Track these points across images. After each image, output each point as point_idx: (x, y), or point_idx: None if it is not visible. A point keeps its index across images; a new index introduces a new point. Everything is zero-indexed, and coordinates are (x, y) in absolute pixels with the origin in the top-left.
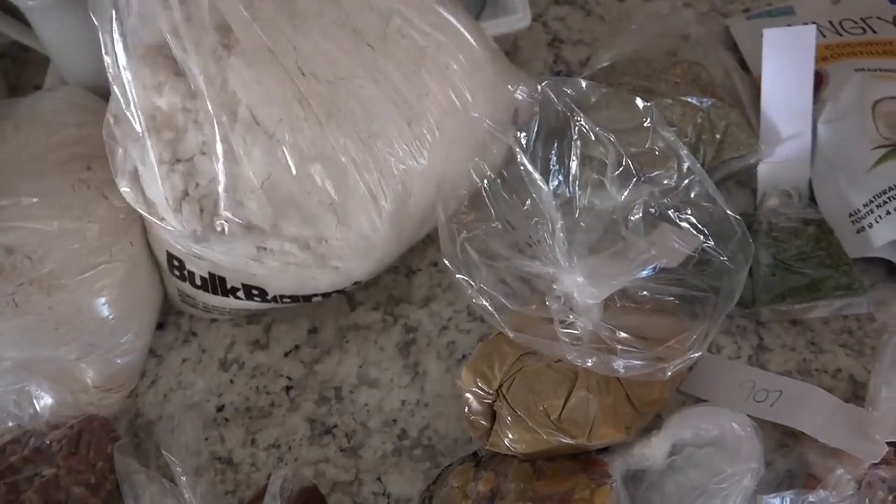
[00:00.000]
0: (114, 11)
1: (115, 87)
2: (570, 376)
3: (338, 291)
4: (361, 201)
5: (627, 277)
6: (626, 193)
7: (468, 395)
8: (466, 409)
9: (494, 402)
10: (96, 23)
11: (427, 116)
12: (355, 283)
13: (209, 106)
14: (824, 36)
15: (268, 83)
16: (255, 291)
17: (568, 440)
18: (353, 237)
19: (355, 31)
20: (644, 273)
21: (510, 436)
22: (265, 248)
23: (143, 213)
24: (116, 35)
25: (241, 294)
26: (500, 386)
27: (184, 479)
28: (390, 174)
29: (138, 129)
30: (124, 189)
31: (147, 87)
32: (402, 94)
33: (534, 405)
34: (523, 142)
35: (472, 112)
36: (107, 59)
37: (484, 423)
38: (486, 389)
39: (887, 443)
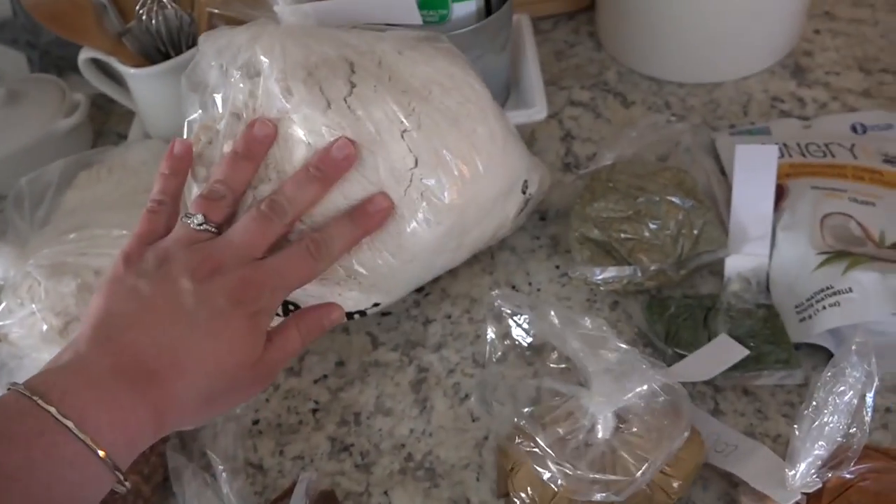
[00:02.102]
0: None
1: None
2: None
3: (360, 313)
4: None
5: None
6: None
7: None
8: None
9: None
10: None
11: (451, 165)
12: (375, 305)
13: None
14: (791, 156)
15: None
16: (290, 307)
17: None
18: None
19: (404, 92)
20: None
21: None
22: None
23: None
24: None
25: (280, 311)
26: None
27: (224, 475)
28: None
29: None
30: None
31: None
32: (433, 143)
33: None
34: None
35: (487, 169)
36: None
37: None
38: None
39: (802, 493)
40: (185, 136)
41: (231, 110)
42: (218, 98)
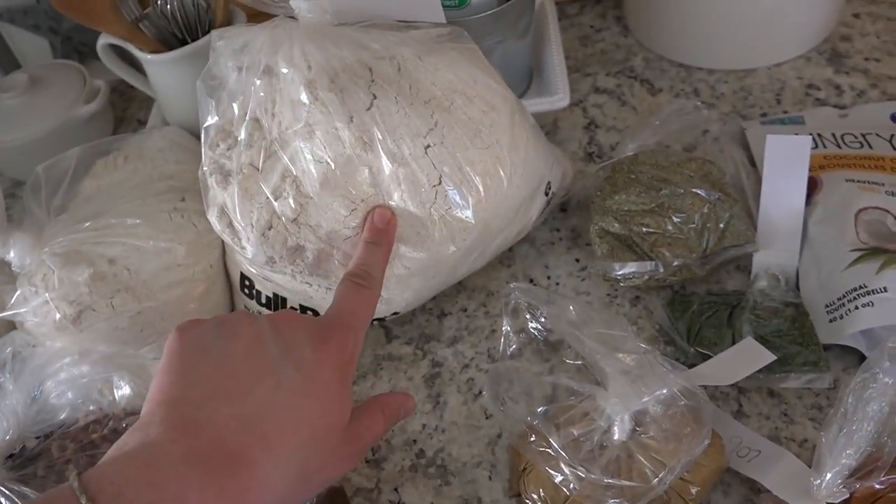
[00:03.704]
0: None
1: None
2: None
3: (378, 320)
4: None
5: (652, 396)
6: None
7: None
8: None
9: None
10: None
11: (475, 180)
12: (394, 314)
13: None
14: (825, 146)
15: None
16: (309, 312)
17: None
18: (398, 268)
19: (426, 103)
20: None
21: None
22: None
23: (227, 240)
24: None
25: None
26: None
27: None
28: (433, 220)
29: (231, 167)
30: (213, 220)
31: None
32: (456, 158)
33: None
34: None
35: (511, 181)
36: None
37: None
38: None
39: (828, 503)
40: (202, 143)
41: (251, 116)
42: (236, 105)
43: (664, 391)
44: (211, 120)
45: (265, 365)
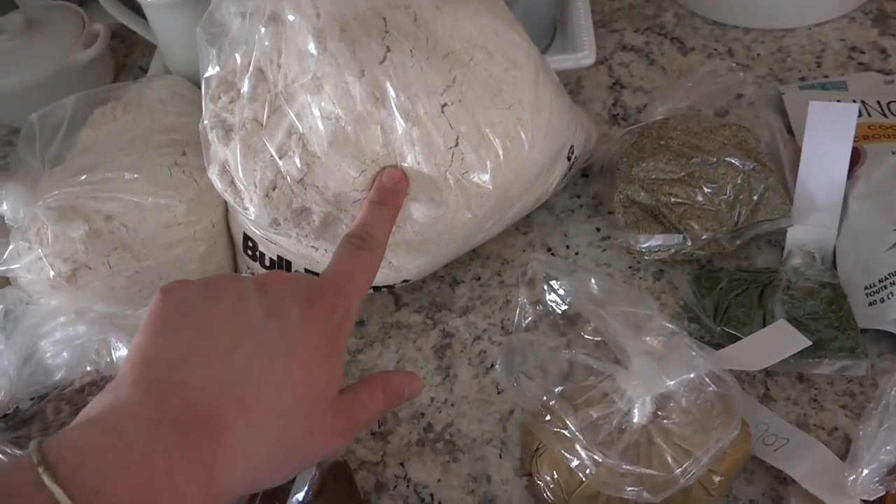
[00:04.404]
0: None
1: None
2: None
3: (388, 287)
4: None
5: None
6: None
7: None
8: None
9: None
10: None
11: (494, 143)
12: (404, 281)
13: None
14: (869, 115)
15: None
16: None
17: None
18: (407, 234)
19: (444, 57)
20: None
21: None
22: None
23: (229, 200)
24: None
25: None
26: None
27: None
28: (448, 184)
29: (233, 121)
30: (214, 178)
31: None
32: (475, 119)
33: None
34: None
35: (532, 145)
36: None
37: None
38: None
39: (862, 500)
40: (203, 95)
41: (255, 66)
42: (239, 55)
43: (691, 375)
44: (212, 70)
45: (247, 327)
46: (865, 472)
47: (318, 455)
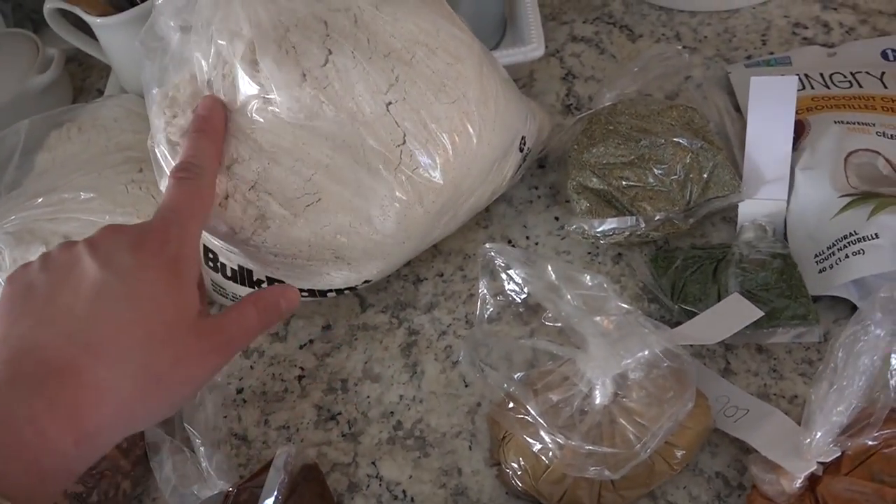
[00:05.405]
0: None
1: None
2: None
3: (350, 289)
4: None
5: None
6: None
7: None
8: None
9: None
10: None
11: (441, 138)
12: (366, 282)
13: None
14: (812, 87)
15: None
16: (277, 284)
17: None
18: (363, 236)
19: (386, 56)
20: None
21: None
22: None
23: None
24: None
25: (265, 286)
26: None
27: (202, 449)
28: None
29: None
30: None
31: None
32: (420, 115)
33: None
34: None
35: (481, 138)
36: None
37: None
38: None
39: (819, 462)
40: (148, 111)
41: (198, 79)
42: (182, 70)
43: (645, 353)
44: (155, 86)
45: (84, 283)
46: (819, 434)
47: (198, 377)
